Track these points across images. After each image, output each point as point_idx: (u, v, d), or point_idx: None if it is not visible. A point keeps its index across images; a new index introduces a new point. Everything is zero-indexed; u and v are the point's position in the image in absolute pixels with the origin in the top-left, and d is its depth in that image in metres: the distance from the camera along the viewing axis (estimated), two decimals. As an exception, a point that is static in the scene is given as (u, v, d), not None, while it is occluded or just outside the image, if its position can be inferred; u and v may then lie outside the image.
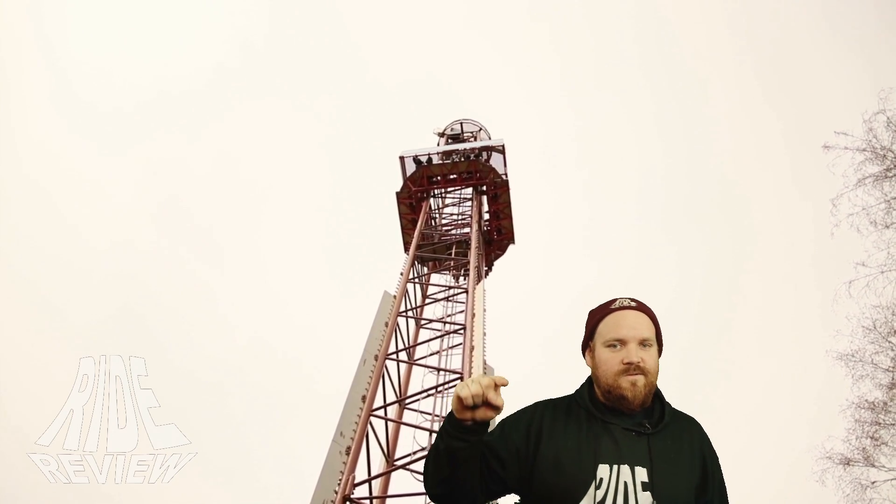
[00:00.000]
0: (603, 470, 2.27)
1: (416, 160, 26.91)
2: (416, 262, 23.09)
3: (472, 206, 26.25)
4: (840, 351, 16.82)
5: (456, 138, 31.48)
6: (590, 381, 2.53)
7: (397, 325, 18.94)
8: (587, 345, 2.55)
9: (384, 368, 17.13)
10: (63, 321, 46.28)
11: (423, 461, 15.85)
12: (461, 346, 18.42)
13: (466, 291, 21.06)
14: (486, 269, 26.38)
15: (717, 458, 2.47)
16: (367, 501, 14.19)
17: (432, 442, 15.76)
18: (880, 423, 16.34)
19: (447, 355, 19.33)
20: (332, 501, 12.44)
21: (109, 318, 46.87)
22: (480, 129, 31.94)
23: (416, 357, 19.75)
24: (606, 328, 2.47)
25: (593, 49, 67.26)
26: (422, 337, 20.57)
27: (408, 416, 17.51)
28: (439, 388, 17.69)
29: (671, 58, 64.51)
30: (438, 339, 20.04)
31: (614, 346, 2.42)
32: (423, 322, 21.03)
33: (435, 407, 17.40)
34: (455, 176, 27.37)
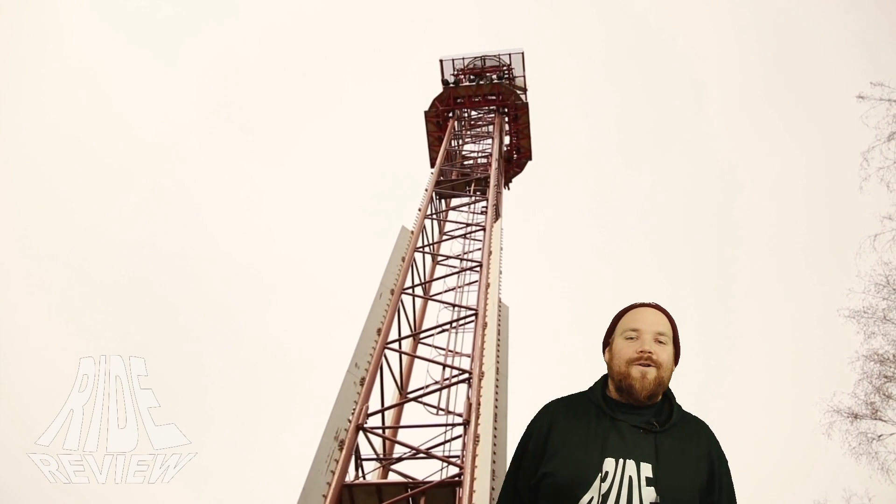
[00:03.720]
0: (609, 464, 2.33)
1: (444, 81, 30.00)
2: (434, 199, 23.09)
3: (493, 128, 27.86)
4: (852, 308, 16.84)
5: (479, 76, 31.54)
6: (604, 379, 2.62)
7: (414, 260, 19.05)
8: (607, 342, 2.65)
9: (400, 303, 17.31)
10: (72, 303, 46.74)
11: (435, 394, 16.18)
12: (477, 283, 18.54)
13: (484, 229, 21.09)
14: (504, 186, 27.58)
15: (726, 461, 2.53)
16: (380, 431, 14.54)
17: (445, 377, 16.05)
18: (889, 377, 16.43)
19: (463, 292, 19.45)
20: (345, 430, 12.74)
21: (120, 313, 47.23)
22: (505, 65, 32.01)
23: (431, 292, 19.91)
24: (625, 321, 2.59)
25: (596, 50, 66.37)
26: (438, 273, 20.68)
27: (422, 350, 17.75)
28: (454, 324, 17.87)
29: (666, 60, 63.83)
30: (455, 276, 20.14)
31: (631, 337, 2.52)
32: (439, 258, 21.10)
33: (449, 342, 17.63)
34: (479, 98, 29.89)
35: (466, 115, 29.85)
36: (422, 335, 18.02)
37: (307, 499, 11.19)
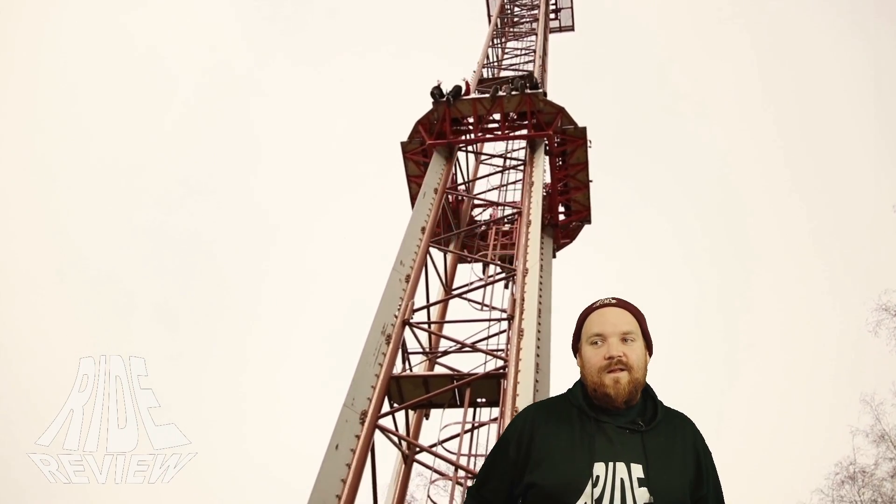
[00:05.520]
0: (599, 468, 2.31)
1: (435, 92, 18.09)
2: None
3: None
4: None
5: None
6: (581, 381, 2.56)
7: (458, 158, 18.94)
8: (576, 347, 2.58)
9: (444, 201, 17.36)
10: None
11: (479, 290, 16.40)
12: (520, 181, 18.45)
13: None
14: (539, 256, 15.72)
15: (710, 454, 2.52)
16: (426, 326, 14.88)
17: (489, 274, 16.20)
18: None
19: (506, 191, 19.40)
20: (391, 325, 13.07)
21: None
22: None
23: (475, 192, 19.89)
24: (589, 325, 2.51)
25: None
26: (481, 172, 20.61)
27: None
28: (497, 221, 17.93)
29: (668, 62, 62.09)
30: (498, 175, 20.05)
31: (596, 342, 2.46)
32: (482, 157, 20.92)
33: (490, 238, 17.76)
34: (496, 122, 18.68)
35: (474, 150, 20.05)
36: (465, 233, 18.14)
37: (357, 390, 11.63)
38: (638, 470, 2.31)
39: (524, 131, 18.22)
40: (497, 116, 18.49)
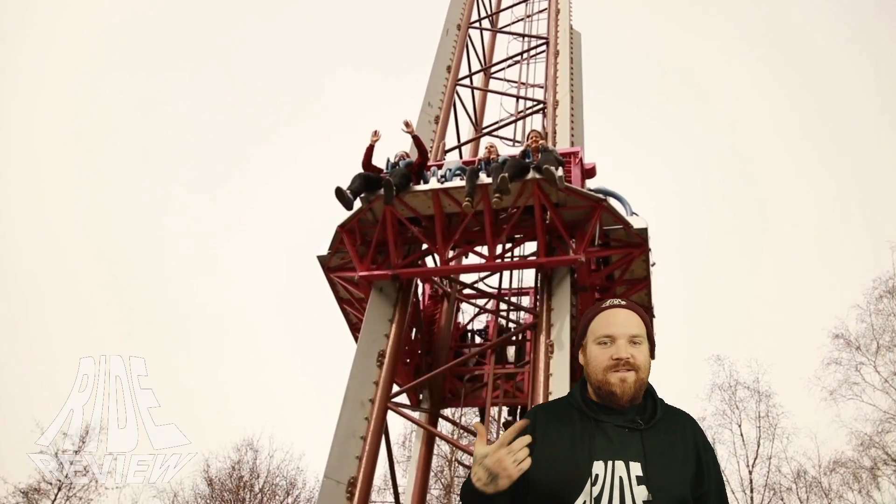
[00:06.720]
0: (598, 466, 2.33)
1: (360, 184, 10.36)
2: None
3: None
4: None
5: None
6: (582, 381, 2.60)
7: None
8: (580, 345, 2.62)
9: (467, 37, 16.85)
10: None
11: (509, 127, 16.18)
12: (546, 10, 17.74)
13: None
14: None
15: (712, 450, 2.54)
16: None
17: (519, 109, 15.90)
18: None
19: (532, 21, 18.69)
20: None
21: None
22: None
23: (499, 25, 19.20)
24: (597, 326, 2.54)
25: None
26: (505, 3, 19.79)
27: (494, 85, 17.50)
28: (525, 55, 17.40)
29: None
30: (523, 5, 19.27)
31: (604, 342, 2.49)
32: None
33: (521, 74, 17.28)
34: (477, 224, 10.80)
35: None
36: (493, 69, 17.69)
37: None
38: (636, 468, 2.35)
39: (533, 243, 10.86)
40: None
